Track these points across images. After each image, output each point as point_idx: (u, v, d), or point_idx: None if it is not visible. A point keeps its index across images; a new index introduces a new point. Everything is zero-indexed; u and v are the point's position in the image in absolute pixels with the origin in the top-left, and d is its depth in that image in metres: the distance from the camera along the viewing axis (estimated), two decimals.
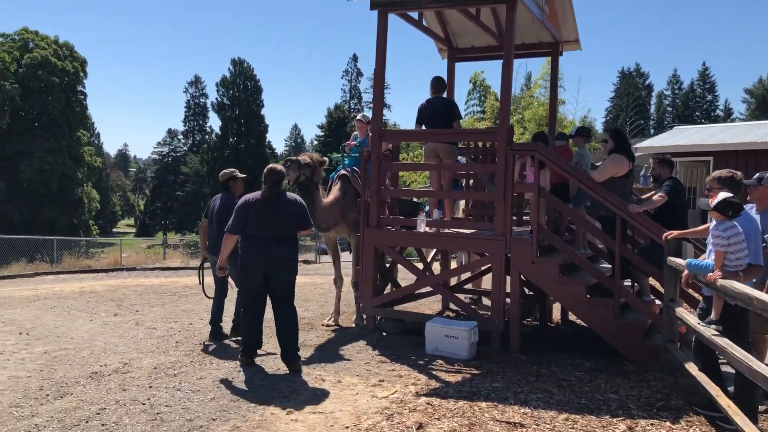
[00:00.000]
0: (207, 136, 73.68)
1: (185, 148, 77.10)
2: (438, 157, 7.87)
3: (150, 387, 5.50)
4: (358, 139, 8.72)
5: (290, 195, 6.18)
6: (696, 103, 76.65)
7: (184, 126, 77.29)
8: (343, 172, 8.31)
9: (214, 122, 72.57)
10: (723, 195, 4.57)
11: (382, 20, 7.49)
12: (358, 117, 9.01)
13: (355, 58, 79.98)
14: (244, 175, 7.60)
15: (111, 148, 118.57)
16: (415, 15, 8.33)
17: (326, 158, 7.93)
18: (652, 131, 58.60)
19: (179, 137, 79.32)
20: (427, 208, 9.34)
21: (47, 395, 5.26)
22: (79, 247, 24.83)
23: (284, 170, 6.56)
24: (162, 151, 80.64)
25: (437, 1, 7.29)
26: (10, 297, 10.91)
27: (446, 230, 7.76)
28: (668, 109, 78.73)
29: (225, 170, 7.64)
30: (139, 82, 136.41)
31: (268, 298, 6.17)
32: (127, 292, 11.63)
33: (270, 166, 6.26)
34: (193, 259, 26.22)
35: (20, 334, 7.65)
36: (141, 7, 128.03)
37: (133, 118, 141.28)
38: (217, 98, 68.23)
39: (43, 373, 5.94)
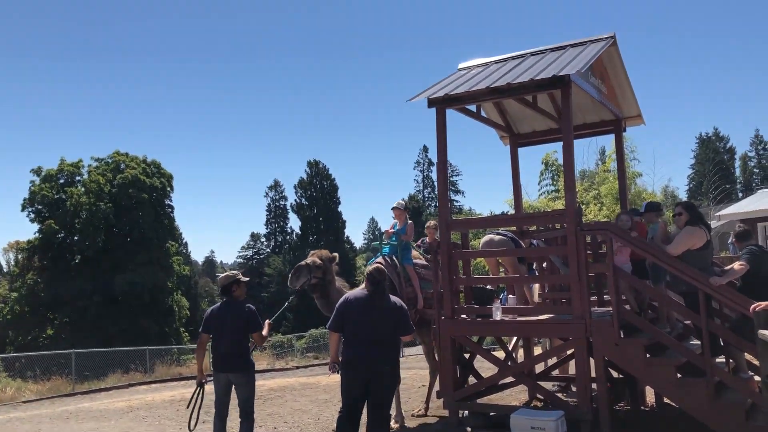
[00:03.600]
0: (288, 237, 75.78)
1: (268, 249, 79.33)
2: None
3: None
4: (397, 226, 8.70)
5: (393, 298, 6.08)
6: None
7: (266, 228, 79.85)
8: (378, 260, 8.12)
9: (294, 223, 74.65)
10: None
11: (440, 117, 7.74)
12: (394, 205, 8.88)
13: (425, 149, 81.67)
14: (247, 279, 6.93)
15: (198, 255, 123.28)
16: (473, 108, 8.56)
17: (336, 254, 8.01)
18: (740, 195, 56.44)
19: (262, 240, 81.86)
20: (503, 295, 9.26)
21: None
22: (170, 355, 25.63)
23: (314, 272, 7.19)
24: (246, 255, 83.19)
25: (492, 94, 7.46)
26: (105, 410, 11.30)
27: (524, 316, 7.64)
28: (755, 170, 75.87)
29: (227, 273, 6.84)
30: (222, 191, 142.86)
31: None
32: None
33: (374, 265, 6.19)
34: (278, 360, 26.52)
35: None
36: (220, 119, 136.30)
37: (218, 225, 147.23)
38: (295, 199, 70.75)
39: None
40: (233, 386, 6.42)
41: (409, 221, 8.79)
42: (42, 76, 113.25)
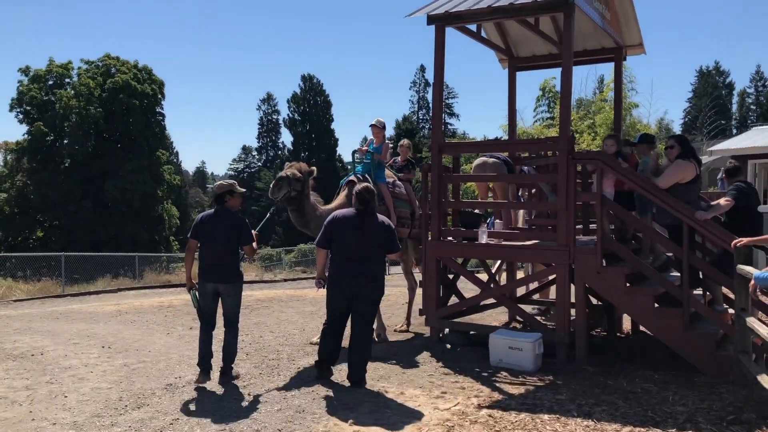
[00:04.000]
0: (279, 152, 75.39)
1: (259, 163, 79.06)
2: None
3: (220, 398, 5.74)
4: (374, 144, 8.52)
5: (380, 217, 6.17)
6: None
7: (258, 142, 79.28)
8: (351, 178, 8.18)
9: (286, 138, 74.07)
10: None
11: (439, 35, 7.58)
12: (372, 122, 8.63)
13: (422, 69, 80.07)
14: (243, 190, 6.61)
15: (189, 165, 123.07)
16: (473, 27, 8.37)
17: (314, 168, 7.70)
18: (734, 131, 56.21)
19: (253, 153, 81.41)
20: (490, 219, 9.34)
21: (126, 406, 5.56)
22: (159, 263, 25.93)
23: (289, 182, 7.12)
24: (237, 168, 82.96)
25: (494, 13, 7.29)
26: (95, 312, 11.51)
27: (509, 241, 7.74)
28: (752, 107, 75.27)
29: (222, 182, 6.46)
30: (214, 102, 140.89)
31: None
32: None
33: (364, 185, 6.26)
34: (266, 272, 26.91)
35: (102, 347, 8.09)
36: (213, 29, 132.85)
37: (209, 136, 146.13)
38: (288, 114, 69.90)
39: (123, 384, 6.27)
40: (220, 296, 6.28)
41: (387, 141, 8.68)
42: None
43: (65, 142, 41.75)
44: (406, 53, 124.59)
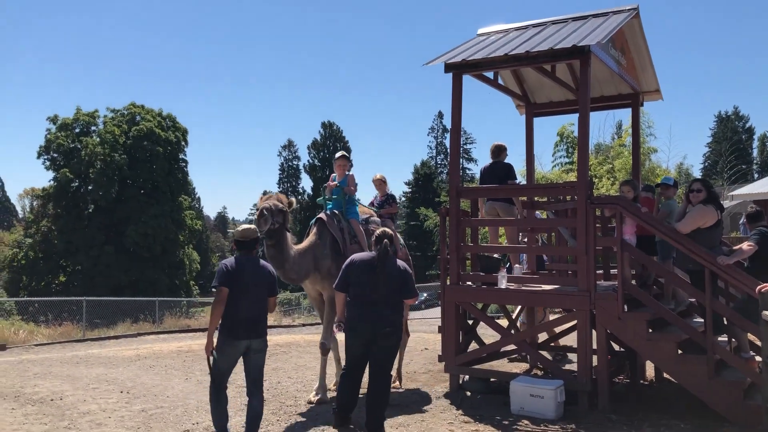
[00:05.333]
0: (300, 197, 76.12)
1: None
2: (498, 215, 8.21)
3: None
4: (337, 179, 8.07)
5: (398, 261, 6.08)
6: None
7: (279, 188, 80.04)
8: (320, 216, 7.80)
9: (306, 183, 75.13)
10: None
11: (456, 82, 7.68)
12: (336, 156, 8.20)
13: (440, 115, 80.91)
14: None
15: (211, 211, 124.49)
16: (490, 75, 8.48)
17: (293, 200, 7.32)
18: (756, 175, 55.75)
19: None
20: (508, 264, 9.27)
21: None
22: (179, 307, 26.00)
23: (268, 218, 6.55)
24: None
25: (510, 61, 7.39)
26: (114, 356, 11.54)
27: (529, 286, 7.68)
28: None
29: (248, 227, 5.88)
30: (236, 148, 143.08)
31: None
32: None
33: (382, 228, 6.24)
34: (285, 316, 26.85)
35: (121, 392, 8.08)
36: (236, 77, 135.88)
37: (231, 182, 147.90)
38: (308, 160, 70.82)
39: (140, 430, 6.24)
40: (247, 354, 5.56)
41: (349, 173, 8.11)
42: (60, 27, 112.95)
43: (89, 188, 42.57)
44: (424, 100, 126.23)
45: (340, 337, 6.42)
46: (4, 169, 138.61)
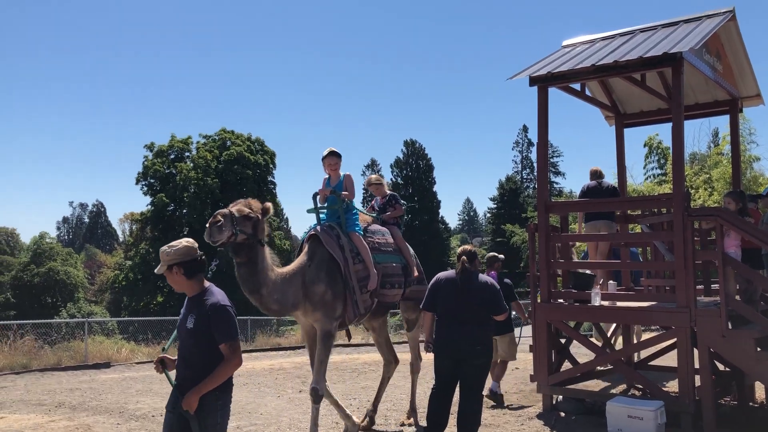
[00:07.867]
0: None
1: None
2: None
3: None
4: (331, 182, 6.59)
5: (482, 277, 5.96)
6: None
7: (364, 206, 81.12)
8: (312, 231, 6.37)
9: None
10: None
11: (542, 95, 7.57)
12: (324, 154, 6.68)
13: (525, 129, 79.84)
14: None
15: (298, 231, 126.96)
16: (576, 86, 8.31)
17: (269, 205, 5.74)
18: None
19: None
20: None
21: None
22: (270, 326, 26.56)
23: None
24: None
25: (598, 72, 7.21)
26: None
27: (624, 303, 7.41)
28: None
29: (187, 242, 4.25)
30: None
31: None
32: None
33: (466, 246, 6.22)
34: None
35: None
36: (320, 100, 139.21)
37: None
38: (391, 178, 71.28)
39: None
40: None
41: (345, 173, 6.62)
42: (157, 61, 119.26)
43: (184, 211, 44.36)
44: (508, 114, 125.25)
45: (428, 356, 6.36)
46: (105, 196, 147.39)
